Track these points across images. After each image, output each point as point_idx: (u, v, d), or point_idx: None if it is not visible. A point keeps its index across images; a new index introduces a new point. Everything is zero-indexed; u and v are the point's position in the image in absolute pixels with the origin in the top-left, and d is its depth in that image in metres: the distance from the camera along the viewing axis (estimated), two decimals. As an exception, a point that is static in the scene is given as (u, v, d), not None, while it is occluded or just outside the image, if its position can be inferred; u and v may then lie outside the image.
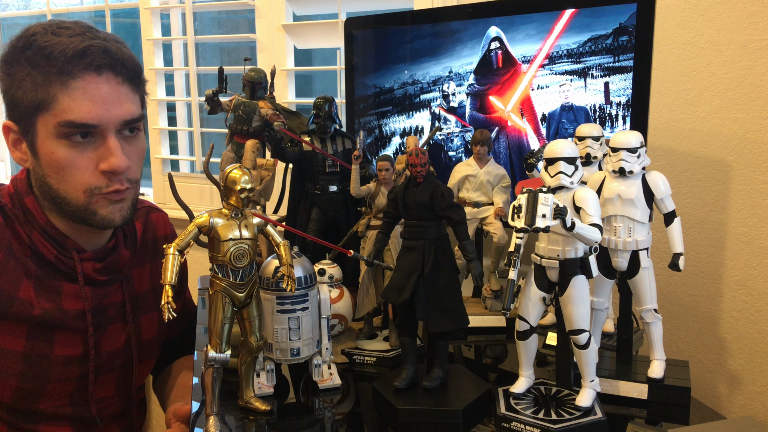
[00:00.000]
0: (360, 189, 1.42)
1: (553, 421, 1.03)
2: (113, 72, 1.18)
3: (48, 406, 1.27)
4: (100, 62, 1.16)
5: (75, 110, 1.14)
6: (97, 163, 1.18)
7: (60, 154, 1.16)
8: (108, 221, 1.22)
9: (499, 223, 1.50)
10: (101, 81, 1.16)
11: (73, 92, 1.14)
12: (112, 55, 1.17)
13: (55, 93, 1.14)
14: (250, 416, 1.15)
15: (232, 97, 1.60)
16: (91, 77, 1.15)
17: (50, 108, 1.14)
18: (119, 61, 1.19)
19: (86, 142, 1.17)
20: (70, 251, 1.25)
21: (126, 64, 1.20)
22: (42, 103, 1.14)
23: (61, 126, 1.14)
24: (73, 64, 1.14)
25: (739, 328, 1.58)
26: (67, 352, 1.26)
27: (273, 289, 1.20)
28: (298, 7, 2.28)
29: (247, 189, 1.07)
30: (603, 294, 1.19)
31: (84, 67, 1.14)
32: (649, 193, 1.13)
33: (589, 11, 1.44)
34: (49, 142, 1.16)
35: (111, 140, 1.17)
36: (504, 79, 1.58)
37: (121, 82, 1.20)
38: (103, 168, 1.17)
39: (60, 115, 1.14)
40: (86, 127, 1.15)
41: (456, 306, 1.15)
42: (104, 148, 1.17)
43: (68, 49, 1.13)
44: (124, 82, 1.20)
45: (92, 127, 1.16)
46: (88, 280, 1.27)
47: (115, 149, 1.17)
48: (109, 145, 1.17)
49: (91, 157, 1.18)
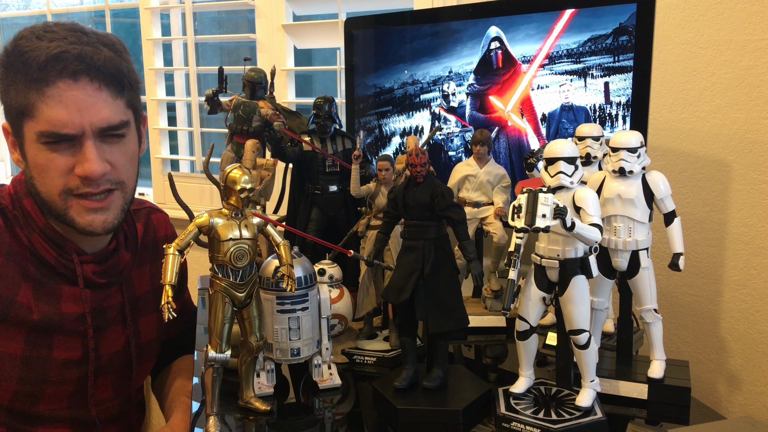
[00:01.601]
0: (360, 189, 1.42)
1: (553, 421, 1.03)
2: (88, 77, 1.15)
3: (46, 408, 1.27)
4: (74, 68, 1.13)
5: (52, 120, 1.12)
6: (73, 166, 1.16)
7: (40, 157, 1.16)
8: (88, 231, 1.21)
9: (499, 223, 1.50)
10: (77, 87, 1.13)
11: (48, 100, 1.12)
12: (87, 61, 1.14)
13: (34, 100, 1.13)
14: (250, 416, 1.15)
15: (232, 97, 1.60)
16: (66, 84, 1.13)
17: (32, 115, 1.14)
18: (94, 67, 1.15)
19: (64, 146, 1.16)
20: (69, 254, 1.25)
21: (103, 69, 1.16)
22: (25, 110, 1.14)
23: (42, 135, 1.14)
24: (46, 71, 1.12)
25: (739, 328, 1.58)
26: (66, 355, 1.26)
27: (273, 289, 1.20)
28: (298, 7, 2.28)
29: (247, 189, 1.07)
30: (603, 294, 1.19)
31: (57, 73, 1.12)
32: (649, 193, 1.13)
33: (589, 11, 1.44)
34: (33, 146, 1.16)
35: (87, 146, 1.15)
36: (504, 79, 1.58)
37: (98, 88, 1.16)
38: (77, 173, 1.16)
39: (41, 125, 1.13)
40: (66, 138, 1.14)
41: (456, 306, 1.15)
42: (81, 153, 1.16)
43: (41, 55, 1.12)
44: (101, 88, 1.16)
45: (70, 138, 1.14)
46: (87, 283, 1.27)
47: (90, 155, 1.15)
48: (84, 150, 1.15)
49: (68, 159, 1.16)
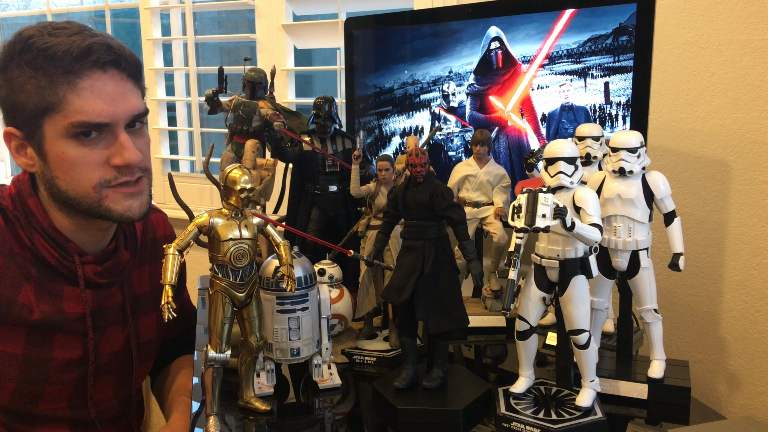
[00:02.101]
0: (360, 189, 1.42)
1: (553, 421, 1.03)
2: (117, 68, 1.19)
3: (46, 408, 1.27)
4: (105, 59, 1.16)
5: (86, 110, 1.14)
6: (107, 158, 1.18)
7: (70, 153, 1.16)
8: (126, 217, 1.23)
9: (499, 223, 1.50)
10: (107, 78, 1.17)
11: (81, 92, 1.14)
12: (115, 51, 1.18)
13: (64, 94, 1.13)
14: (250, 416, 1.15)
15: (232, 97, 1.60)
16: (97, 75, 1.16)
17: (59, 109, 1.14)
18: (122, 57, 1.19)
19: (96, 139, 1.17)
20: (71, 254, 1.25)
21: (128, 59, 1.21)
22: (50, 106, 1.14)
23: (74, 126, 1.14)
24: (80, 62, 1.14)
25: (739, 328, 1.58)
26: (66, 355, 1.26)
27: (273, 289, 1.20)
28: (298, 7, 2.28)
29: (247, 189, 1.07)
30: (603, 294, 1.19)
31: (90, 65, 1.15)
32: (649, 193, 1.13)
33: (589, 11, 1.44)
34: (58, 143, 1.16)
35: (122, 136, 1.18)
36: (504, 79, 1.58)
37: (125, 78, 1.20)
38: (116, 162, 1.18)
39: (72, 116, 1.14)
40: (100, 126, 1.15)
41: (456, 306, 1.15)
42: (115, 143, 1.18)
43: (73, 48, 1.13)
44: (127, 77, 1.21)
45: (105, 126, 1.16)
46: (88, 284, 1.27)
47: (127, 144, 1.18)
48: (121, 140, 1.18)
49: (101, 153, 1.18)
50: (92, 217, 1.22)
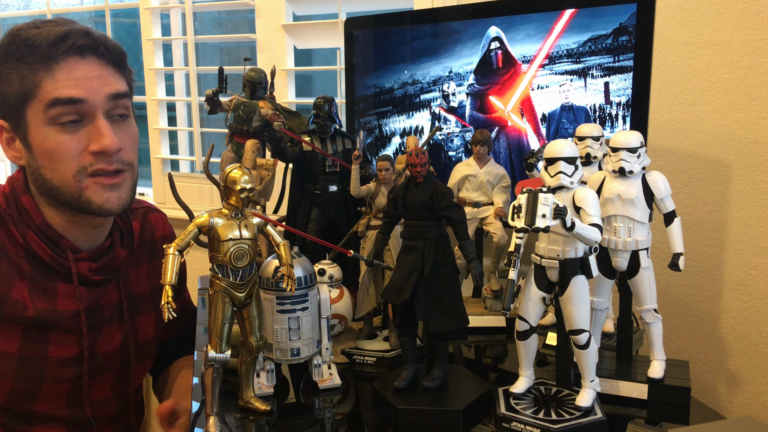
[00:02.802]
0: (360, 189, 1.42)
1: (553, 421, 1.03)
2: (95, 54, 1.19)
3: (43, 407, 1.26)
4: (81, 43, 1.16)
5: (59, 88, 1.15)
6: (87, 145, 1.18)
7: (51, 140, 1.16)
8: (105, 210, 1.22)
9: (499, 223, 1.50)
10: (85, 63, 1.17)
11: (56, 74, 1.15)
12: (94, 37, 1.19)
13: (40, 79, 1.15)
14: (250, 416, 1.15)
15: (232, 97, 1.60)
16: (74, 60, 1.16)
17: (36, 94, 1.15)
18: (101, 44, 1.19)
19: (76, 126, 1.17)
20: (65, 251, 1.25)
21: (108, 46, 1.21)
22: (28, 92, 1.15)
23: (48, 107, 1.14)
24: (56, 47, 1.15)
25: (739, 328, 1.58)
26: (62, 353, 1.25)
27: (273, 289, 1.20)
28: (298, 7, 2.28)
29: (247, 189, 1.07)
30: (603, 294, 1.19)
31: (66, 49, 1.16)
32: (649, 193, 1.13)
33: (589, 11, 1.44)
34: (40, 131, 1.17)
35: (100, 121, 1.18)
36: (504, 79, 1.58)
37: (105, 64, 1.20)
38: (93, 149, 1.17)
39: (45, 96, 1.15)
40: (72, 102, 1.15)
41: (456, 306, 1.15)
42: (94, 129, 1.18)
43: (50, 35, 1.15)
44: (107, 64, 1.21)
45: (78, 102, 1.15)
46: (83, 281, 1.26)
47: (104, 129, 1.17)
48: (99, 125, 1.17)
49: (81, 139, 1.17)
50: (75, 209, 1.22)
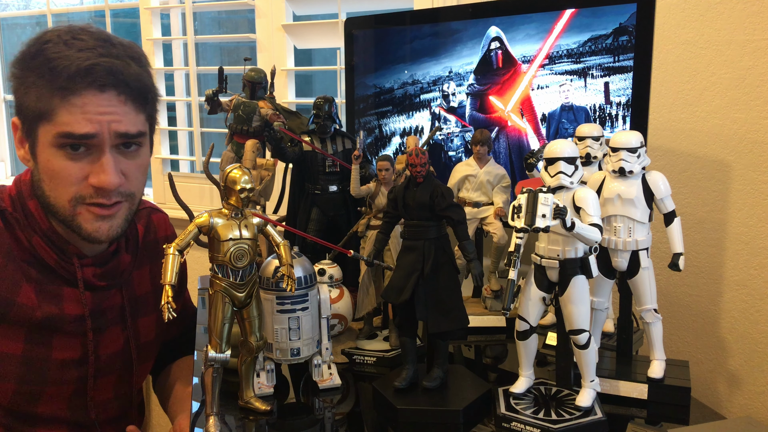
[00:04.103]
0: (360, 189, 1.42)
1: (553, 421, 1.03)
2: (116, 91, 1.16)
3: (46, 409, 1.27)
4: (103, 82, 1.13)
5: (72, 123, 1.13)
6: (88, 174, 1.16)
7: (56, 163, 1.15)
8: (93, 238, 1.21)
9: (499, 223, 1.49)
10: (102, 98, 1.14)
11: (72, 107, 1.12)
12: (117, 75, 1.15)
13: (55, 106, 1.13)
14: (250, 416, 1.15)
15: (232, 97, 1.60)
16: (93, 93, 1.13)
17: (50, 119, 1.14)
18: (123, 82, 1.16)
19: (81, 154, 1.16)
20: (70, 257, 1.25)
21: (131, 83, 1.17)
22: (44, 114, 1.14)
23: (59, 137, 1.14)
24: (76, 81, 1.12)
25: (739, 328, 1.58)
26: (66, 355, 1.26)
27: (273, 289, 1.20)
28: (298, 7, 2.28)
29: (247, 189, 1.07)
30: (603, 294, 1.19)
31: (85, 85, 1.12)
32: (649, 193, 1.13)
33: (589, 11, 1.44)
34: (47, 151, 1.16)
35: (106, 157, 1.16)
36: (504, 79, 1.58)
37: (124, 101, 1.17)
38: (92, 182, 1.16)
39: (59, 127, 1.13)
40: (83, 138, 1.13)
41: (456, 306, 1.15)
42: (98, 163, 1.16)
43: (72, 66, 1.11)
44: (126, 101, 1.17)
45: (89, 137, 1.14)
46: (87, 286, 1.27)
47: (107, 166, 1.16)
48: (103, 161, 1.16)
49: (83, 168, 1.16)
50: (66, 228, 1.22)
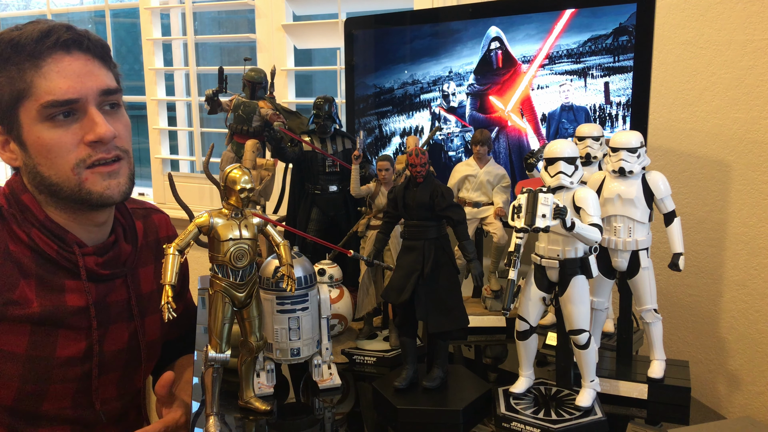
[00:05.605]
0: (360, 189, 1.42)
1: (553, 421, 1.03)
2: (80, 49, 1.21)
3: (50, 408, 1.27)
4: (65, 38, 1.19)
5: (53, 89, 1.17)
6: (82, 137, 1.20)
7: (46, 136, 1.18)
8: (106, 197, 1.23)
9: (499, 223, 1.49)
10: (71, 58, 1.20)
11: (47, 73, 1.17)
12: (76, 31, 1.21)
13: (31, 78, 1.17)
14: (250, 416, 1.15)
15: (232, 97, 1.60)
16: (60, 56, 1.19)
17: (30, 94, 1.17)
18: (84, 37, 1.22)
19: (69, 120, 1.19)
20: (71, 245, 1.25)
21: (92, 40, 1.23)
22: (21, 93, 1.17)
23: (44, 107, 1.16)
24: (40, 44, 1.17)
25: (739, 328, 1.58)
26: (69, 352, 1.26)
27: (273, 289, 1.20)
28: (298, 7, 2.28)
29: (247, 189, 1.07)
30: (603, 294, 1.19)
31: (50, 45, 1.18)
32: (649, 193, 1.13)
33: (589, 11, 1.44)
34: (34, 129, 1.18)
35: (92, 111, 1.20)
36: (504, 79, 1.58)
37: (91, 58, 1.23)
38: (89, 139, 1.19)
39: (41, 98, 1.16)
40: (69, 103, 1.17)
41: (456, 306, 1.15)
42: (87, 120, 1.20)
43: (33, 33, 1.17)
44: (93, 58, 1.23)
45: (74, 102, 1.18)
46: (90, 275, 1.27)
47: (98, 119, 1.20)
48: (91, 116, 1.20)
49: (76, 132, 1.20)
50: (76, 203, 1.23)
